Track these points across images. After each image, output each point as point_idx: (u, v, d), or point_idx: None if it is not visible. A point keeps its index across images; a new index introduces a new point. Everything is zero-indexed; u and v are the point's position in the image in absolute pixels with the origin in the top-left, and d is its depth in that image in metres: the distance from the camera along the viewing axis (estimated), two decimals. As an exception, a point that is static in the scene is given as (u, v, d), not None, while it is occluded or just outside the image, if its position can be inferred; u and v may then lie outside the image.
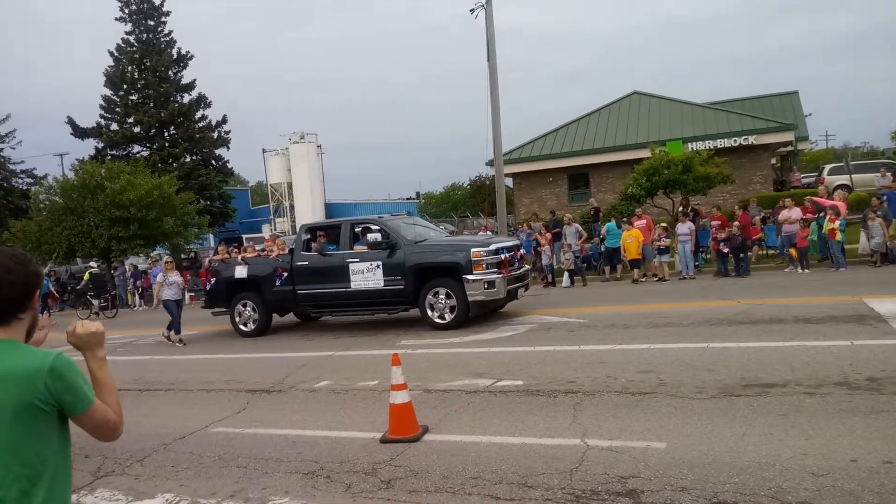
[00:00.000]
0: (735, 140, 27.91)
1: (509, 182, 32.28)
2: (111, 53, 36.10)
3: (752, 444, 4.93)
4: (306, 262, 13.12)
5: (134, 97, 36.21)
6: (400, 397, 5.97)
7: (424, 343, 10.79)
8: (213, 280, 14.36)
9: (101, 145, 35.82)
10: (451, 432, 6.01)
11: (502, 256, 11.96)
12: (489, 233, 23.03)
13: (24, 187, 37.81)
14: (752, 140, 27.86)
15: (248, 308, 13.80)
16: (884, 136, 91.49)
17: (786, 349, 7.79)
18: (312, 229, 13.92)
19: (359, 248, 12.77)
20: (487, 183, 44.45)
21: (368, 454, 5.66)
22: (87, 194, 26.97)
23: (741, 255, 16.10)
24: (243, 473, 5.58)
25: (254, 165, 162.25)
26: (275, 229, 45.25)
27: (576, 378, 7.40)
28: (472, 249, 11.71)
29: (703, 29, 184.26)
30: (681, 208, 19.76)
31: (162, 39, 36.74)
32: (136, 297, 25.77)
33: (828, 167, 30.45)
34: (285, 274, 13.24)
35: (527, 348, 9.48)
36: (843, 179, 26.85)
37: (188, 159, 36.19)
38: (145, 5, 36.02)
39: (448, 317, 11.78)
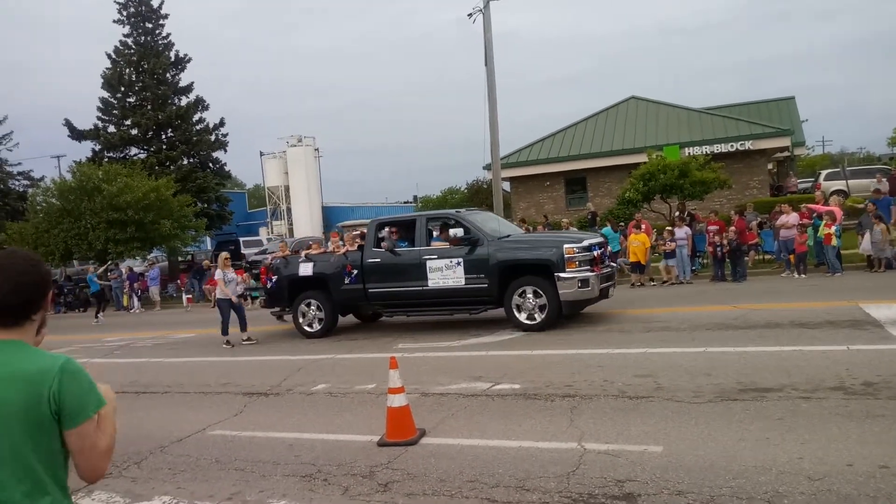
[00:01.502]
0: (732, 145, 27.97)
1: (507, 186, 32.33)
2: (109, 55, 36.07)
3: (748, 449, 4.95)
4: (378, 259, 12.42)
5: (131, 99, 36.15)
6: (397, 400, 5.97)
7: (422, 346, 10.80)
8: (273, 278, 13.56)
9: (98, 147, 35.75)
10: (448, 435, 6.02)
11: (594, 253, 11.36)
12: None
13: (21, 189, 37.74)
14: (748, 145, 27.94)
15: (312, 307, 13.03)
16: (880, 143, 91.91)
17: (782, 354, 7.81)
18: (384, 225, 13.16)
19: (437, 244, 12.15)
20: (485, 187, 44.48)
21: (366, 457, 5.67)
22: (84, 196, 26.92)
23: (738, 259, 16.16)
24: (240, 476, 5.58)
25: (251, 168, 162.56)
26: (272, 232, 45.29)
27: (573, 382, 7.42)
28: (565, 245, 11.02)
29: (699, 35, 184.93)
30: (677, 213, 19.82)
31: (160, 42, 36.70)
32: (134, 299, 25.72)
33: (824, 173, 30.57)
34: (355, 271, 12.54)
35: (524, 352, 9.49)
36: (839, 185, 26.95)
37: (185, 162, 36.13)
38: (143, 8, 36.00)
39: (538, 317, 11.06)
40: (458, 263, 11.62)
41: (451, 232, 11.87)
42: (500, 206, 23.04)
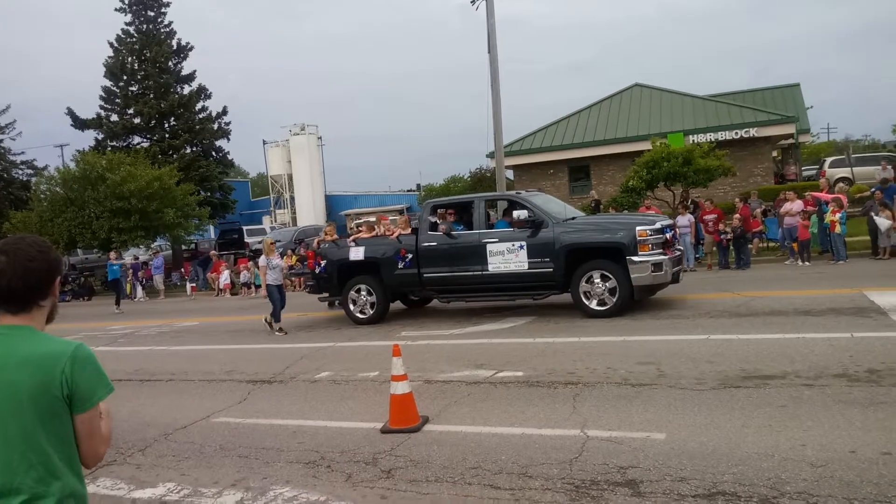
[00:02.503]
0: (736, 132, 27.83)
1: (510, 174, 32.25)
2: (111, 44, 36.01)
3: (751, 436, 4.95)
4: (434, 243, 11.97)
5: (134, 88, 36.11)
6: (401, 388, 5.98)
7: (425, 334, 10.81)
8: (321, 263, 13.04)
9: (101, 136, 35.77)
10: (451, 423, 6.03)
11: (667, 235, 10.99)
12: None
13: (25, 178, 37.76)
14: (753, 132, 27.79)
15: (363, 293, 12.59)
16: (885, 130, 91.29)
17: (785, 341, 7.81)
18: (438, 207, 12.78)
19: (499, 228, 11.78)
20: (488, 175, 44.36)
21: (369, 444, 5.69)
22: (87, 185, 26.98)
23: (742, 247, 16.12)
24: (244, 463, 5.61)
25: (254, 157, 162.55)
26: (275, 221, 45.32)
27: (576, 369, 7.42)
28: (638, 228, 10.58)
29: (704, 22, 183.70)
30: (680, 201, 19.75)
31: (162, 30, 36.60)
32: (138, 287, 25.78)
33: (829, 160, 30.43)
34: (409, 255, 12.08)
35: (527, 340, 9.49)
36: (844, 172, 26.84)
37: (188, 151, 36.12)
38: (145, -5, 35.92)
39: (608, 303, 10.58)
40: (521, 247, 11.12)
41: (515, 214, 11.33)
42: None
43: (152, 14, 36.36)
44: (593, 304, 10.70)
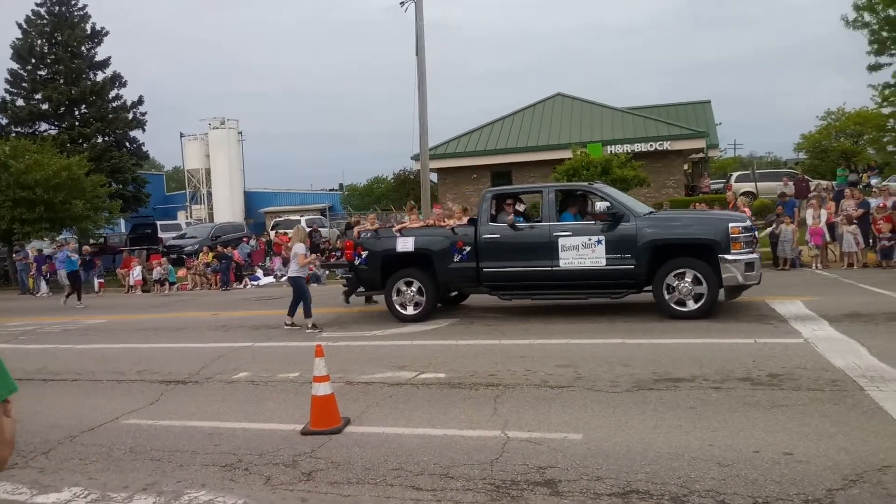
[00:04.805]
0: (651, 145, 28.90)
1: (434, 177, 32.39)
2: (19, 25, 34.12)
3: (662, 436, 5.15)
4: (496, 235, 11.05)
5: (43, 72, 34.33)
6: (322, 389, 5.91)
7: (346, 335, 10.73)
8: (362, 254, 11.94)
9: (4, 121, 33.82)
10: (373, 424, 6.01)
11: (755, 234, 10.51)
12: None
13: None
14: (666, 145, 28.92)
15: (411, 287, 11.55)
16: (787, 148, 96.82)
17: (694, 346, 8.17)
18: (500, 196, 11.78)
19: (568, 221, 10.97)
20: (411, 177, 44.39)
21: (289, 446, 5.59)
22: (-12, 173, 25.39)
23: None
24: (156, 466, 5.41)
25: (170, 150, 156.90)
26: (191, 216, 43.95)
27: (497, 371, 7.53)
28: (731, 224, 9.95)
29: (625, 38, 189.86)
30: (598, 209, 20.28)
31: (75, 13, 34.95)
32: (42, 282, 24.46)
33: (735, 174, 32.05)
34: (467, 248, 11.16)
35: (449, 342, 9.56)
36: (748, 187, 28.30)
37: (100, 140, 34.59)
38: (57, -24, 34.20)
39: (693, 303, 9.94)
40: (599, 242, 10.34)
41: (599, 206, 10.62)
42: (427, 197, 23.05)
43: (65, -4, 34.69)
44: (677, 304, 10.06)
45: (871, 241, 16.38)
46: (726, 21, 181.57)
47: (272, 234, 31.01)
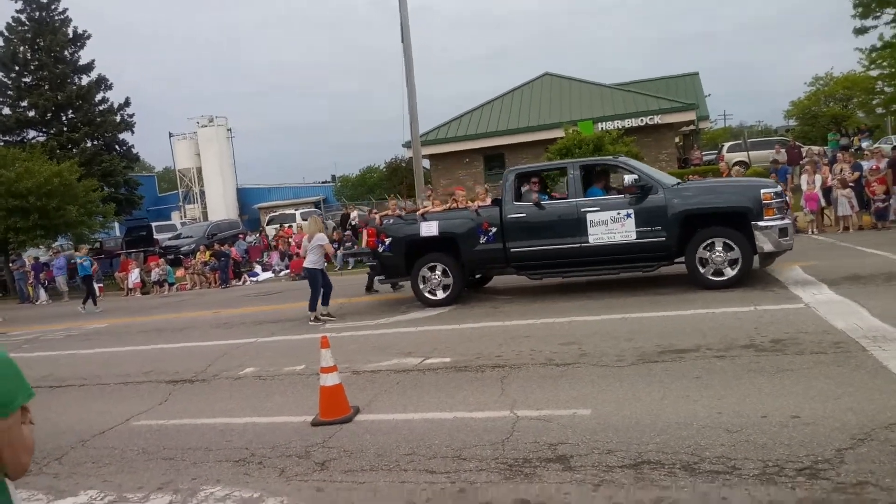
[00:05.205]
0: (642, 120, 28.84)
1: (426, 163, 32.32)
2: (1, 33, 33.83)
3: (670, 406, 5.20)
4: (522, 214, 10.95)
5: (27, 79, 34.11)
6: (330, 379, 5.94)
7: (349, 326, 10.76)
8: (385, 241, 11.79)
9: (-8, 131, 33.65)
10: (382, 411, 6.05)
11: (786, 199, 10.36)
12: None
13: None
14: (657, 119, 28.87)
15: (437, 272, 11.48)
16: (777, 116, 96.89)
17: (696, 316, 8.21)
18: (523, 175, 11.62)
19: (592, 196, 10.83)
20: (403, 165, 44.33)
21: (300, 438, 5.63)
22: (-22, 183, 25.24)
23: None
24: (170, 465, 5.45)
25: (159, 151, 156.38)
26: (185, 216, 43.83)
27: (502, 353, 7.57)
28: (762, 190, 9.86)
29: (610, 13, 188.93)
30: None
31: (56, 18, 34.65)
32: (40, 290, 24.43)
33: (727, 145, 32.06)
34: (493, 229, 11.06)
35: (452, 326, 9.60)
36: (741, 156, 28.34)
37: (89, 144, 34.43)
38: (35, -18, 33.89)
39: (729, 271, 9.82)
40: (629, 216, 10.24)
41: (627, 179, 10.36)
42: (420, 184, 23.03)
43: (44, 1, 34.36)
44: (709, 273, 9.94)
45: (865, 203, 16.45)
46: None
47: (270, 229, 30.95)
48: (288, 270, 22.58)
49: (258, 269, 24.10)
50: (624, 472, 4.18)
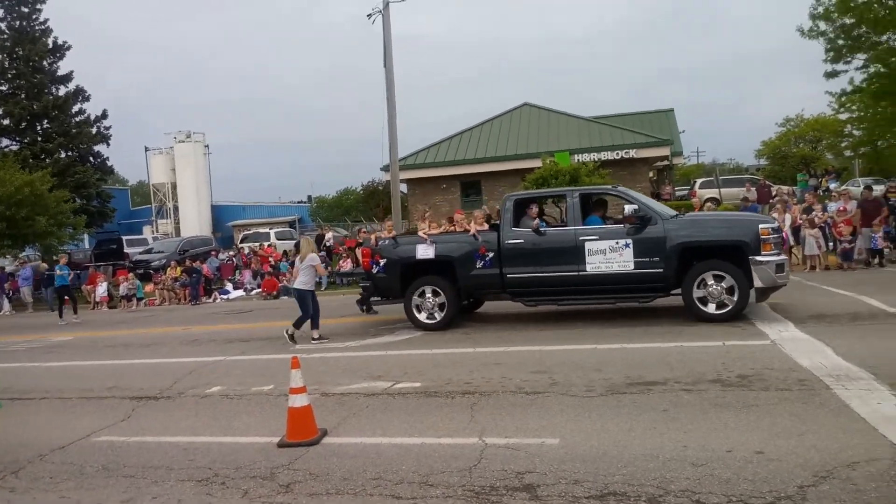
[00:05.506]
0: (617, 153, 29.29)
1: (403, 188, 32.43)
2: (-22, 41, 33.49)
3: (637, 438, 5.23)
4: (520, 241, 10.90)
5: (3, 87, 33.70)
6: (299, 400, 5.88)
7: (320, 347, 10.68)
8: (381, 262, 11.72)
9: (-37, 138, 33.12)
10: (350, 435, 6.00)
11: (782, 235, 10.51)
12: None
13: None
14: (632, 153, 29.34)
15: (429, 296, 11.38)
16: (748, 154, 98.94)
17: (665, 350, 8.30)
18: (522, 202, 11.56)
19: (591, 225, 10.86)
20: (381, 188, 44.39)
21: (266, 459, 5.56)
22: (-53, 190, 24.78)
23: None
24: (131, 483, 5.33)
25: (134, 164, 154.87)
26: (157, 231, 43.34)
27: (472, 379, 7.57)
28: (760, 226, 9.93)
29: (589, 46, 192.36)
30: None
31: (36, 28, 34.39)
32: (4, 300, 23.91)
33: (699, 181, 32.63)
34: (490, 254, 11.00)
35: (423, 351, 9.58)
36: (713, 193, 28.84)
37: (63, 155, 34.02)
38: (18, -9, 33.66)
39: (726, 305, 9.83)
40: (627, 245, 10.25)
41: (627, 209, 10.38)
42: (398, 207, 23.11)
43: (26, 10, 34.12)
44: (709, 308, 9.94)
45: (830, 244, 16.82)
46: (679, 32, 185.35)
47: (244, 247, 30.70)
48: (260, 289, 22.39)
49: (229, 286, 23.85)
50: (590, 502, 4.19)
